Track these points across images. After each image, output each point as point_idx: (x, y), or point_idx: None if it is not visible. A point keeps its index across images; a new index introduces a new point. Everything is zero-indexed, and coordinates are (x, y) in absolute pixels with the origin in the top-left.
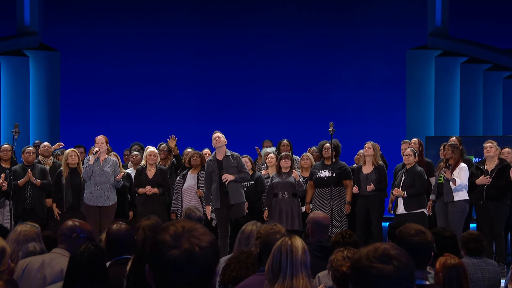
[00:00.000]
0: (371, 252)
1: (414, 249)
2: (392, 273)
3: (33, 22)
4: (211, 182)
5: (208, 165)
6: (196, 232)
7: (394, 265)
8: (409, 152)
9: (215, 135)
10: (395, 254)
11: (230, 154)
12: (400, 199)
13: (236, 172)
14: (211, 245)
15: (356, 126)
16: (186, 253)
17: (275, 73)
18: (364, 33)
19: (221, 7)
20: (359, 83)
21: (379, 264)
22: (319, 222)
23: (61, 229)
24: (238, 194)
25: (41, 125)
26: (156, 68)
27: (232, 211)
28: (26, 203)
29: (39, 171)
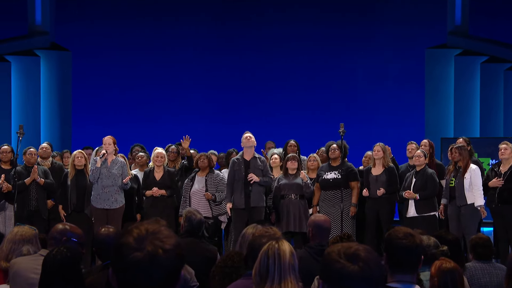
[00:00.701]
0: (344, 248)
1: (403, 252)
2: (354, 273)
3: (44, 22)
4: (233, 181)
5: (234, 163)
6: (160, 235)
7: (359, 266)
8: (419, 153)
9: (247, 134)
10: (365, 256)
11: (258, 157)
12: (411, 202)
13: (261, 175)
14: (175, 247)
15: (373, 126)
16: (150, 255)
17: (289, 73)
18: (382, 32)
19: (231, 7)
20: (377, 82)
21: (346, 261)
22: (320, 225)
23: (51, 233)
24: (259, 197)
25: (52, 126)
26: (169, 69)
27: (252, 214)
28: (31, 205)
29: (42, 171)
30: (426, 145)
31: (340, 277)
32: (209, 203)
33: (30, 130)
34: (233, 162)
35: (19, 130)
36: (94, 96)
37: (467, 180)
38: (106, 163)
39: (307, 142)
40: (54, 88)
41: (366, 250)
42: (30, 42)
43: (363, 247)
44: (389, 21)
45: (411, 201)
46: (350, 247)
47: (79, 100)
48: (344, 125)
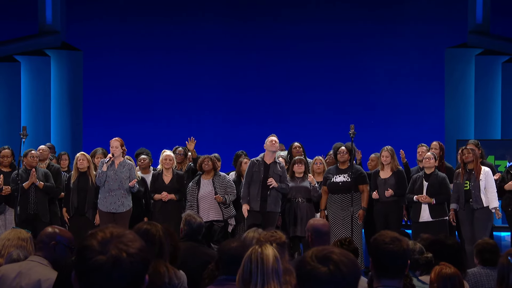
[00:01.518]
0: (317, 251)
1: (389, 257)
2: (323, 275)
3: (55, 21)
4: (251, 182)
5: (254, 164)
6: (124, 238)
7: (329, 269)
8: (429, 155)
9: (272, 138)
10: (337, 259)
11: (278, 162)
12: (425, 206)
13: (278, 181)
14: (140, 252)
15: (391, 127)
16: (113, 259)
17: (305, 73)
18: (400, 31)
19: (244, 5)
20: (395, 83)
21: (316, 263)
22: (319, 230)
23: (40, 236)
24: (276, 203)
25: (63, 127)
26: (183, 68)
27: (266, 218)
28: (30, 208)
29: (42, 174)
30: (436, 147)
31: (309, 278)
32: (219, 206)
33: (40, 132)
34: (252, 163)
35: (22, 132)
36: (105, 96)
37: (482, 182)
38: (113, 165)
39: (322, 144)
40: (64, 88)
41: (341, 254)
42: (41, 41)
43: (340, 250)
44: (408, 20)
45: (424, 205)
46: (324, 249)
47: (90, 101)
48: (354, 126)
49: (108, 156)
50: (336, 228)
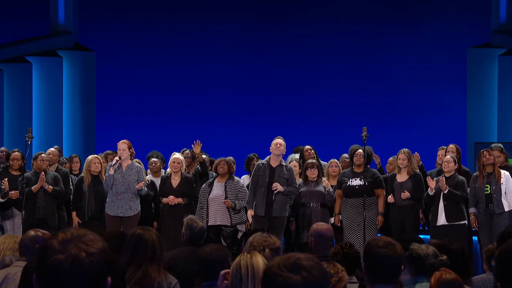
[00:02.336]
0: (283, 260)
1: (382, 261)
2: (298, 284)
3: (67, 21)
4: (257, 186)
5: (259, 168)
6: (85, 238)
7: (302, 276)
8: (448, 159)
9: (278, 141)
10: (307, 265)
11: (285, 165)
12: (441, 210)
13: (285, 184)
14: (101, 252)
15: (412, 129)
16: (72, 258)
17: (322, 74)
18: (421, 31)
19: (259, 4)
20: (416, 83)
21: (287, 273)
22: (323, 235)
23: (22, 240)
24: (283, 207)
25: (75, 130)
26: (196, 70)
27: (273, 223)
28: (38, 212)
29: (52, 178)
30: (453, 150)
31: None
32: (228, 210)
33: (52, 134)
34: (258, 167)
35: (28, 134)
36: (118, 98)
37: (503, 186)
38: (121, 168)
39: (338, 146)
40: (77, 90)
41: (309, 259)
42: (53, 42)
43: (305, 256)
44: (429, 19)
45: (441, 209)
46: (290, 257)
47: (103, 103)
48: (367, 129)
49: (115, 158)
50: (351, 233)
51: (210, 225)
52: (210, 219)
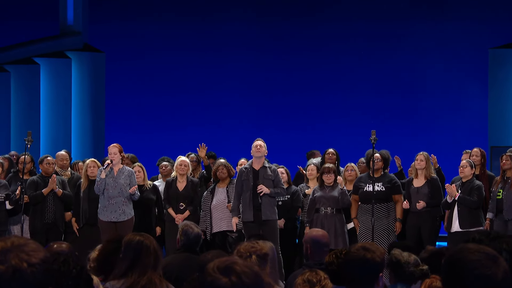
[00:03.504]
0: (219, 262)
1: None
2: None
3: (76, 21)
4: (241, 192)
5: (242, 173)
6: (26, 248)
7: (230, 280)
8: (464, 163)
9: (257, 143)
10: (240, 270)
11: (268, 166)
12: (455, 216)
13: (271, 186)
14: (42, 262)
15: (430, 133)
16: (13, 269)
17: (340, 75)
18: (439, 31)
19: (278, 3)
20: (435, 86)
21: (218, 274)
22: (318, 241)
23: None
24: (271, 210)
25: (84, 133)
26: (209, 71)
27: (264, 228)
28: (48, 217)
29: (59, 182)
30: (477, 154)
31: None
32: None
33: (60, 138)
34: (240, 172)
35: (27, 137)
36: (129, 100)
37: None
38: (112, 172)
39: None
40: (86, 92)
41: (245, 265)
42: (61, 43)
43: (244, 262)
44: (449, 19)
45: (455, 215)
46: (227, 261)
47: (113, 105)
48: (376, 132)
49: (106, 162)
50: (366, 240)
51: (216, 232)
52: (215, 226)
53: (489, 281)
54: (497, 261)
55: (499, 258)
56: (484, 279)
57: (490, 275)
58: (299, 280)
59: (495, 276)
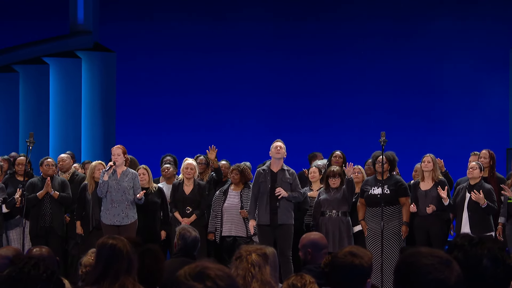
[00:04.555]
0: (190, 269)
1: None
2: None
3: (87, 20)
4: (258, 194)
5: (260, 174)
6: None
7: (206, 285)
8: (473, 165)
9: (277, 144)
10: (214, 275)
11: (287, 169)
12: (465, 219)
13: (289, 190)
14: None
15: (448, 136)
16: None
17: (358, 75)
18: (458, 30)
19: (295, 3)
20: (454, 87)
21: (192, 281)
22: (317, 244)
23: None
24: (288, 214)
25: (94, 135)
26: (224, 72)
27: (279, 232)
28: (45, 221)
29: (59, 183)
30: (485, 156)
31: None
32: (244, 221)
33: (70, 139)
34: (258, 174)
35: (29, 139)
36: (140, 101)
37: None
38: (115, 175)
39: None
40: (96, 92)
41: (218, 269)
42: (71, 42)
43: (215, 265)
44: (468, 18)
45: (465, 218)
46: (197, 266)
47: (124, 106)
48: (385, 133)
49: (109, 164)
50: (372, 244)
51: (224, 236)
52: (225, 229)
53: (442, 285)
54: (450, 265)
55: (452, 262)
56: (437, 283)
57: (443, 279)
58: (284, 285)
59: (448, 281)
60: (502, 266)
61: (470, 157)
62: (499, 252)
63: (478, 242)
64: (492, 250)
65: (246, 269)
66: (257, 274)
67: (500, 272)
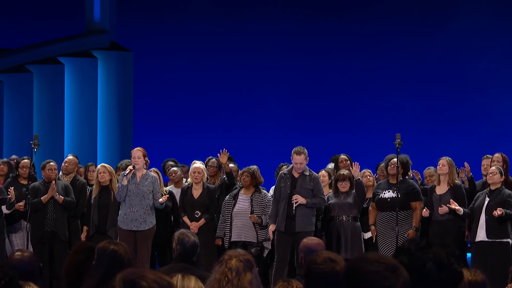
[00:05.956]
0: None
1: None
2: None
3: (103, 19)
4: (279, 198)
5: (281, 178)
6: None
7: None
8: (494, 170)
9: (297, 159)
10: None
11: (308, 174)
12: (482, 224)
13: (309, 196)
14: None
15: (466, 137)
16: None
17: (377, 76)
18: (472, 26)
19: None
20: (471, 87)
21: None
22: (312, 250)
23: None
24: (306, 221)
25: (111, 137)
26: (244, 72)
27: (297, 239)
28: (48, 225)
29: (62, 188)
30: (499, 160)
31: None
32: (254, 226)
33: (86, 141)
34: (280, 177)
35: (34, 141)
36: (158, 102)
37: None
38: (135, 178)
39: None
40: (113, 93)
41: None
42: (87, 41)
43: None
44: (483, 18)
45: (482, 223)
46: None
47: (142, 107)
48: (400, 136)
49: (128, 167)
50: (384, 250)
51: (234, 241)
52: (234, 235)
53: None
54: (397, 272)
55: (399, 268)
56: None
57: (388, 286)
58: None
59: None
60: (447, 271)
61: (482, 160)
62: (446, 257)
63: (424, 246)
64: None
65: (223, 273)
66: (233, 279)
67: (446, 277)
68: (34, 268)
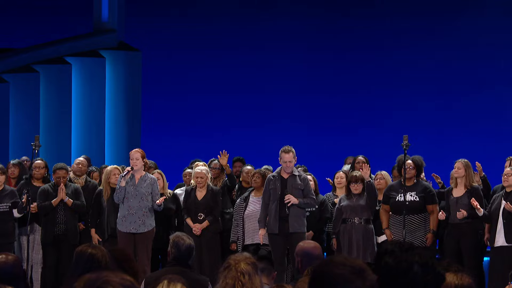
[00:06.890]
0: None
1: None
2: None
3: (111, 18)
4: (269, 202)
5: (269, 181)
6: None
7: None
8: (508, 171)
9: (286, 157)
10: None
11: (298, 174)
12: (500, 229)
13: (300, 196)
14: None
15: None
16: None
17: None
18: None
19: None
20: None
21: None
22: (310, 253)
23: None
24: (299, 222)
25: (119, 138)
26: (255, 71)
27: (291, 241)
28: (58, 228)
29: (72, 190)
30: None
31: None
32: None
33: (94, 142)
34: (268, 180)
35: (35, 142)
36: (167, 102)
37: None
38: (133, 180)
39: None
40: (121, 93)
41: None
42: (95, 41)
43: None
44: (495, 15)
45: (500, 228)
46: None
47: (150, 107)
48: (408, 137)
49: (126, 169)
50: None
51: (247, 244)
52: (247, 238)
53: None
54: (363, 275)
55: (366, 271)
56: None
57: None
58: None
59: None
60: (432, 273)
61: (506, 162)
62: (429, 259)
63: (408, 248)
64: (423, 257)
65: (235, 278)
66: (247, 283)
67: (430, 279)
68: (19, 271)
